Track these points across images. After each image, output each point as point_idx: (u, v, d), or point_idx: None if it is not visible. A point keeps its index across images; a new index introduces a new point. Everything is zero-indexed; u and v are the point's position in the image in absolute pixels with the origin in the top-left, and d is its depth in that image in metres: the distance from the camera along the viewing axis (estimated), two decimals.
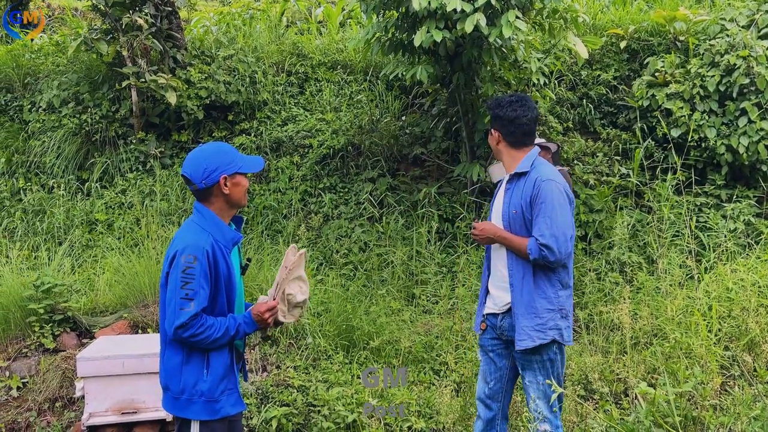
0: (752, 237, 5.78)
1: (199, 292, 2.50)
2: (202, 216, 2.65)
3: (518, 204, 3.03)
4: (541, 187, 2.96)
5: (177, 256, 2.53)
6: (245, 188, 2.71)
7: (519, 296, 3.03)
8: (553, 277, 3.02)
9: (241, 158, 2.70)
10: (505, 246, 3.08)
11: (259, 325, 2.67)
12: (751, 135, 5.99)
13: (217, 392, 2.59)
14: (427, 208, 6.17)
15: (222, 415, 2.60)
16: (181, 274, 2.49)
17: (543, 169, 3.05)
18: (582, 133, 6.93)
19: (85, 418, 3.84)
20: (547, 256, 2.92)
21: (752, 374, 4.20)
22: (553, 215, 2.93)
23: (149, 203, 6.40)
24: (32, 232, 6.36)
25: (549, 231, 2.91)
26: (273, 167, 6.88)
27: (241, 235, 2.76)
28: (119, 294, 5.17)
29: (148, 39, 6.75)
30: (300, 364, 4.57)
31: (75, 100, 7.13)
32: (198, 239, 2.56)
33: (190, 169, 2.63)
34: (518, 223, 3.04)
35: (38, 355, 4.65)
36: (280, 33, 8.41)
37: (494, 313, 3.17)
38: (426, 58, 5.88)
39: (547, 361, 3.04)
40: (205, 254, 2.53)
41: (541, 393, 3.01)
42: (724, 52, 6.24)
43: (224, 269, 2.60)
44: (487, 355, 3.26)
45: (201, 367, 2.58)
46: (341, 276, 5.67)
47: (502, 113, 3.11)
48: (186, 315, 2.47)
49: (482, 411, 3.26)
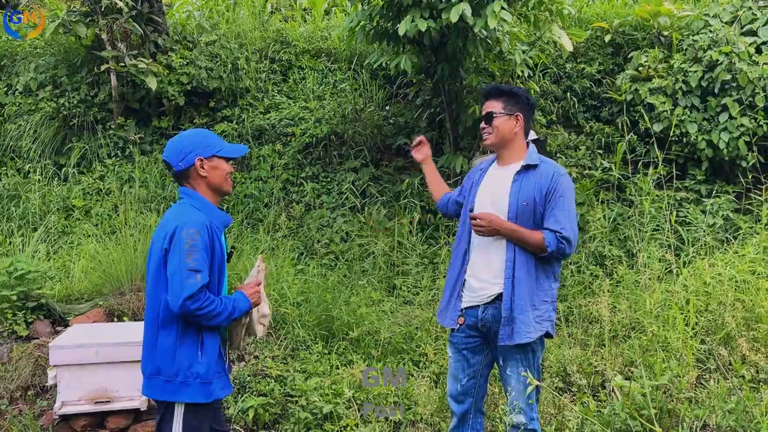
0: (730, 232, 5.83)
1: (203, 264, 2.49)
2: (193, 198, 2.65)
3: (531, 196, 2.98)
4: (559, 181, 2.98)
5: (177, 232, 2.50)
6: (226, 173, 2.70)
7: (522, 289, 2.96)
8: (549, 269, 3.04)
9: (220, 143, 2.71)
10: (511, 238, 2.98)
11: (252, 303, 2.68)
12: (731, 131, 6.03)
13: (212, 374, 2.59)
14: (410, 199, 6.14)
15: (213, 398, 2.60)
16: (185, 248, 2.47)
17: (553, 162, 3.10)
18: (565, 126, 6.94)
19: (58, 407, 3.78)
20: (564, 249, 2.94)
21: (728, 368, 4.24)
22: (571, 209, 2.98)
23: (128, 190, 6.31)
24: (6, 217, 6.24)
25: (570, 224, 2.94)
26: (255, 155, 6.81)
27: (231, 217, 2.76)
28: (95, 281, 5.09)
29: (128, 22, 6.63)
30: (278, 354, 4.53)
31: (52, 83, 6.99)
32: (196, 216, 2.57)
33: (168, 151, 2.67)
34: (527, 215, 2.98)
35: (11, 343, 4.57)
36: (264, 19, 8.30)
37: (474, 306, 3.08)
38: (410, 47, 5.83)
39: (530, 352, 3.02)
40: (206, 230, 2.54)
41: (520, 384, 2.99)
42: (707, 47, 6.27)
43: (218, 250, 2.61)
44: (459, 353, 3.16)
45: (195, 349, 2.56)
46: (322, 266, 5.63)
47: (532, 100, 3.15)
48: (194, 286, 2.44)
49: (455, 407, 3.21)
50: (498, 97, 3.12)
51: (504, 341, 2.97)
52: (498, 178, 3.13)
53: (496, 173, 3.17)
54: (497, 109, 3.09)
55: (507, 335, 2.97)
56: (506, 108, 3.09)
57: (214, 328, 2.61)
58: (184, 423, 2.57)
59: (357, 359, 4.47)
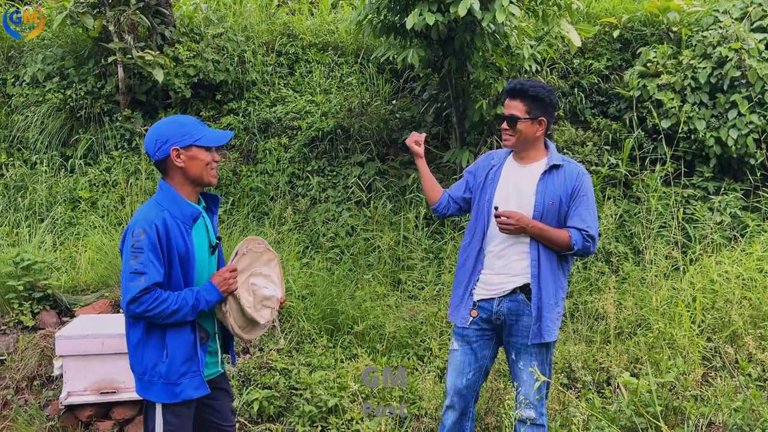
0: (738, 230, 5.80)
1: (149, 266, 2.40)
2: (161, 191, 2.57)
3: (557, 195, 2.99)
4: (583, 180, 3.04)
5: (127, 233, 2.47)
6: (205, 163, 2.56)
7: (548, 288, 2.99)
8: (567, 267, 3.10)
9: (199, 131, 2.57)
10: (537, 237, 2.97)
11: (222, 291, 2.54)
12: (740, 128, 5.99)
13: (176, 375, 2.50)
14: (416, 194, 6.13)
15: (183, 398, 2.52)
16: (130, 249, 2.42)
17: (575, 161, 3.14)
18: (572, 122, 6.91)
19: (63, 397, 3.79)
20: (589, 247, 3.00)
21: (734, 366, 4.23)
22: (594, 208, 3.05)
23: (134, 181, 6.31)
24: (13, 208, 6.26)
25: (594, 223, 3.02)
26: (261, 148, 6.80)
27: (199, 209, 2.61)
28: (101, 273, 5.10)
29: (135, 14, 6.62)
30: (283, 347, 4.54)
31: (60, 74, 6.99)
32: (148, 214, 2.48)
33: (146, 140, 2.57)
34: (552, 214, 3.00)
35: (17, 333, 4.59)
36: (270, 12, 8.28)
37: (489, 299, 3.07)
38: (418, 41, 5.81)
39: (544, 348, 3.04)
40: (154, 228, 2.44)
41: (532, 379, 2.99)
42: (716, 44, 6.22)
43: (180, 244, 2.50)
44: (468, 346, 3.14)
45: (160, 348, 2.50)
46: (327, 260, 5.63)
47: (555, 100, 3.06)
48: (135, 289, 2.38)
49: (457, 401, 3.18)
50: (523, 98, 3.01)
51: (534, 339, 2.98)
52: (521, 176, 3.09)
53: (517, 170, 3.12)
54: (521, 114, 3.00)
55: (535, 333, 2.98)
56: (531, 113, 3.00)
57: (183, 325, 2.51)
58: (163, 421, 2.53)
59: (362, 353, 4.47)
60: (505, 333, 3.08)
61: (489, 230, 3.08)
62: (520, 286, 3.01)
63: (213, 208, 2.78)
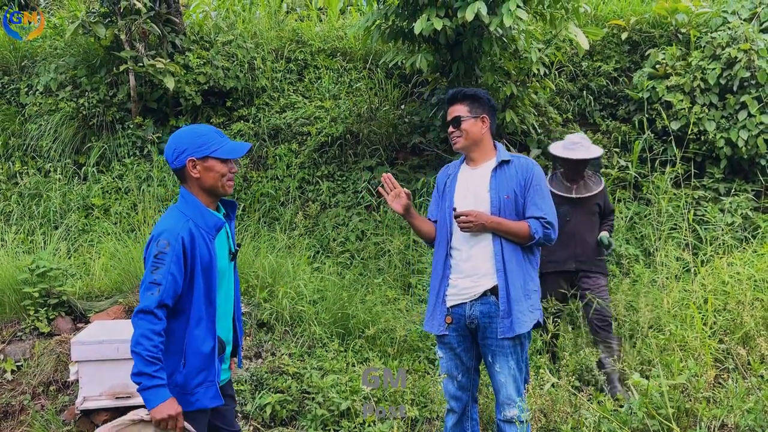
0: (749, 231, 5.77)
1: (167, 278, 2.39)
2: (184, 200, 2.57)
3: (511, 189, 3.07)
4: (534, 170, 3.11)
5: (152, 241, 2.47)
6: (222, 174, 2.54)
7: (516, 280, 3.01)
8: (533, 258, 3.12)
9: (217, 142, 2.54)
10: (498, 231, 3.03)
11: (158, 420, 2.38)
12: (750, 129, 5.97)
13: (192, 385, 2.49)
14: (425, 198, 6.15)
15: (198, 407, 2.51)
16: (153, 259, 2.42)
17: (524, 155, 3.25)
18: (581, 125, 6.91)
19: (79, 402, 3.83)
20: (549, 234, 3.03)
21: (746, 367, 4.21)
22: (548, 196, 3.11)
23: (146, 188, 6.38)
24: (28, 215, 6.35)
25: (551, 210, 3.06)
26: (271, 154, 6.85)
27: (223, 220, 2.62)
28: (115, 279, 5.15)
29: (146, 23, 6.71)
30: (295, 352, 4.57)
31: (72, 83, 7.09)
32: (175, 225, 2.47)
33: (165, 149, 2.59)
34: (509, 208, 3.05)
35: (33, 339, 4.64)
36: (279, 19, 8.35)
37: (460, 304, 3.10)
38: (426, 46, 5.84)
39: (518, 345, 3.04)
40: (180, 240, 2.43)
41: (510, 378, 3.02)
42: (725, 45, 6.21)
43: (205, 254, 2.51)
44: (452, 352, 3.17)
45: (179, 357, 2.49)
46: (338, 264, 5.66)
47: (493, 102, 3.25)
48: (151, 301, 2.37)
49: (455, 405, 3.23)
50: (462, 101, 3.18)
51: (505, 334, 2.99)
52: (474, 177, 3.18)
53: (470, 174, 3.21)
54: (464, 113, 3.15)
55: (507, 327, 2.99)
56: (472, 111, 3.15)
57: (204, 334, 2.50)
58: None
59: (373, 357, 4.49)
60: (480, 336, 3.10)
61: (453, 235, 3.15)
62: (490, 288, 3.05)
63: (231, 214, 2.79)
